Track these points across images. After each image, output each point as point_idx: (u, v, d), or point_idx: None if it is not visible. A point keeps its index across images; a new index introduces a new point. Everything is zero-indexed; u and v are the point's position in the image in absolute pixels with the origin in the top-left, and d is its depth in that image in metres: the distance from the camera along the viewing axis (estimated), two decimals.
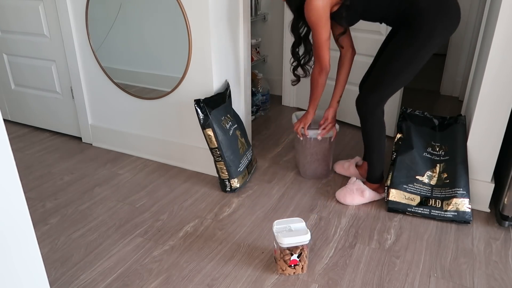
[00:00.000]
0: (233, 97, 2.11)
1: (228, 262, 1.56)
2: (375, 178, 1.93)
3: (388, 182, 1.88)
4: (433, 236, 1.70)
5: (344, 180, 2.09)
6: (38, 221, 1.79)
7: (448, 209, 1.75)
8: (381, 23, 1.79)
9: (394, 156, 1.93)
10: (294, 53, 1.92)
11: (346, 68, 1.94)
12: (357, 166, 2.12)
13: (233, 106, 2.10)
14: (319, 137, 1.98)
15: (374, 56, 1.97)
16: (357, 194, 1.90)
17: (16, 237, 0.90)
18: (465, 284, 1.46)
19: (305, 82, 2.08)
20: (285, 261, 1.46)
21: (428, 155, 1.90)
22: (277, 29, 3.08)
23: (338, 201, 1.93)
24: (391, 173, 1.88)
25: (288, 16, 2.48)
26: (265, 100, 2.98)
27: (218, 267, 1.53)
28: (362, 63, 2.56)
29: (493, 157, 1.78)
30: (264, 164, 2.27)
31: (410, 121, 1.98)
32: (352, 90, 2.67)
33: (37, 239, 0.99)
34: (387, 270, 1.52)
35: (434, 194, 1.81)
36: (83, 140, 2.53)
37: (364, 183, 1.93)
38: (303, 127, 1.97)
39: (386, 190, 1.87)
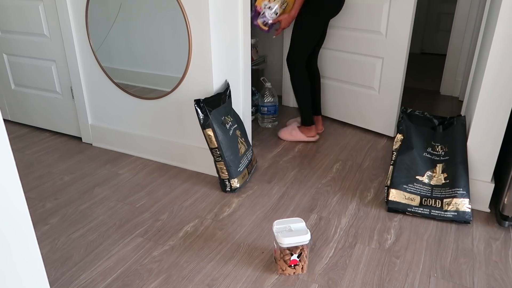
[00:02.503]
0: (233, 97, 2.12)
1: (228, 262, 1.56)
2: (303, 120, 2.47)
3: (388, 182, 1.88)
4: (433, 236, 1.70)
5: (343, 177, 2.10)
6: (38, 221, 1.79)
7: (448, 209, 1.75)
8: None
9: (394, 156, 1.93)
10: None
11: None
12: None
13: (233, 106, 2.10)
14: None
15: (373, 56, 1.98)
16: (288, 132, 2.53)
17: (16, 237, 0.90)
18: (465, 284, 1.46)
19: None
20: (285, 261, 1.46)
21: (428, 155, 1.90)
22: None
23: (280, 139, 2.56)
24: (391, 173, 1.88)
25: None
26: (273, 112, 2.74)
27: (218, 267, 1.53)
28: (362, 62, 2.56)
29: (493, 157, 1.78)
30: (264, 164, 2.27)
31: (410, 121, 1.98)
32: (352, 90, 2.68)
33: (37, 239, 0.99)
34: (387, 270, 1.52)
35: (434, 194, 1.81)
36: (83, 140, 2.53)
37: (298, 127, 2.52)
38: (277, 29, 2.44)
39: (386, 190, 1.87)
